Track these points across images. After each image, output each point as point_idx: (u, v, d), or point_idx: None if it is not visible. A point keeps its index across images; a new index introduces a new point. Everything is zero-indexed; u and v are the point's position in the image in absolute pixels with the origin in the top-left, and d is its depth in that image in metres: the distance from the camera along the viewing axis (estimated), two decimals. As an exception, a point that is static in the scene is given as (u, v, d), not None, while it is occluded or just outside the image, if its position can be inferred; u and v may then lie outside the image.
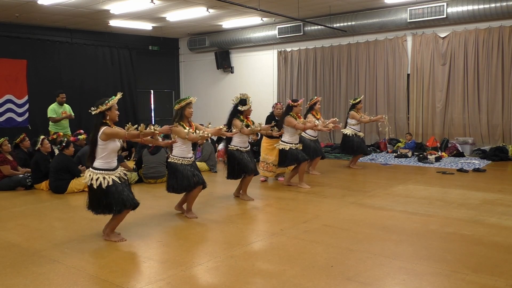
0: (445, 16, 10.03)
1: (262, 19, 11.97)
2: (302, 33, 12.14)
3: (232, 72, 14.60)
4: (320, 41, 12.52)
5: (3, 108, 11.67)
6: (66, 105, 9.72)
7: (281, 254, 4.12)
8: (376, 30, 11.32)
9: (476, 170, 8.47)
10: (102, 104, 4.39)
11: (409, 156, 10.14)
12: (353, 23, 11.35)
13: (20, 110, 11.96)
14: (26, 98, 12.02)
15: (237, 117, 6.16)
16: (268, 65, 13.72)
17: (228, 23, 12.55)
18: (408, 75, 11.28)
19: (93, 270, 3.86)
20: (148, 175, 7.81)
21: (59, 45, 12.66)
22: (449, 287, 3.35)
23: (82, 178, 5.13)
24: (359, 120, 8.81)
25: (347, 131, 8.83)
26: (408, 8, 10.45)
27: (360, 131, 8.95)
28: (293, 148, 6.97)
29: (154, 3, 9.57)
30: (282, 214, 5.63)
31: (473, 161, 9.44)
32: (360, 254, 4.06)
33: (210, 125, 5.93)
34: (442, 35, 10.71)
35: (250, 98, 6.24)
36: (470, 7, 9.81)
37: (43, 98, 11.21)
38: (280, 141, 7.06)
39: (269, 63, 13.70)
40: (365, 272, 3.65)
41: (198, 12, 10.84)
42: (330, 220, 5.24)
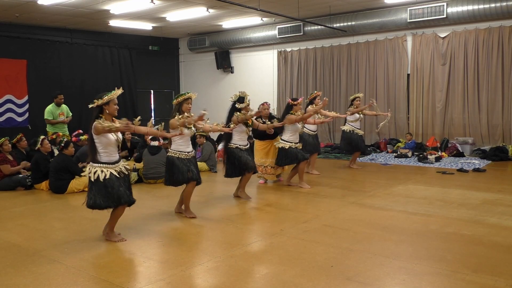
0: (445, 16, 10.03)
1: (262, 19, 11.98)
2: (302, 33, 12.14)
3: (232, 72, 14.60)
4: (320, 41, 12.52)
5: (3, 108, 11.67)
6: (63, 106, 9.60)
7: (281, 254, 4.12)
8: (376, 30, 11.32)
9: (476, 170, 8.47)
10: (99, 98, 4.39)
11: (409, 156, 10.14)
12: (353, 23, 11.35)
13: (20, 110, 11.96)
14: (26, 98, 12.02)
15: (235, 115, 6.16)
16: (268, 65, 13.72)
17: (228, 23, 12.55)
18: (408, 75, 11.29)
19: (93, 270, 3.86)
20: (148, 176, 7.82)
21: (59, 45, 12.66)
22: (449, 287, 3.35)
23: (83, 177, 5.14)
24: (359, 112, 8.73)
25: (346, 127, 8.85)
26: (408, 8, 10.45)
27: (359, 128, 8.90)
28: (292, 147, 6.98)
29: (154, 3, 9.57)
30: (282, 214, 5.63)
31: (473, 161, 9.44)
32: (360, 254, 4.06)
33: (208, 121, 5.93)
34: (442, 35, 10.71)
35: (248, 96, 6.23)
36: (470, 7, 9.81)
37: (43, 98, 11.17)
38: (280, 139, 7.06)
39: (269, 63, 13.70)
40: (365, 272, 3.65)
41: (198, 12, 10.85)
42: (330, 220, 5.24)
